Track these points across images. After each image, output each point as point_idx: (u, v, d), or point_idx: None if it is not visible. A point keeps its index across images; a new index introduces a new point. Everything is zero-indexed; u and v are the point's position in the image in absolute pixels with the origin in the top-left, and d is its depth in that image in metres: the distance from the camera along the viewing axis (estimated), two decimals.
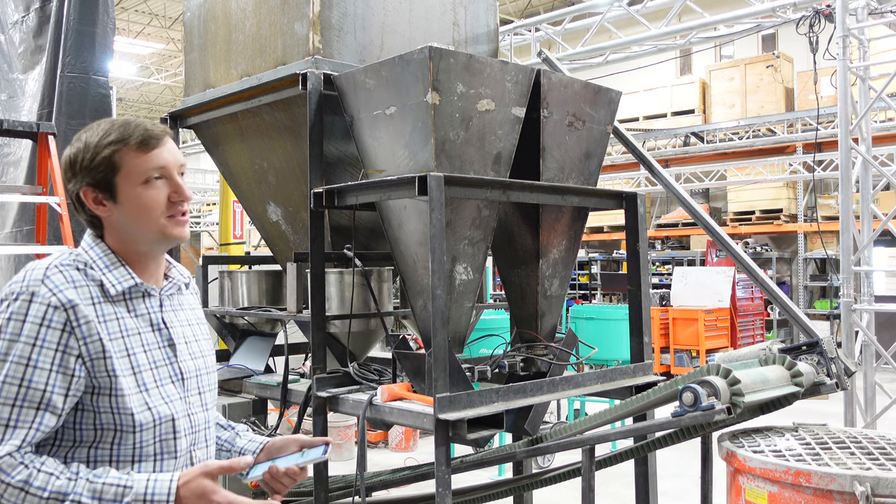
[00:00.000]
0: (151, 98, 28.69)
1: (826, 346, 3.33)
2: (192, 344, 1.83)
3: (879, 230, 5.94)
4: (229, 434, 2.01)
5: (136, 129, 1.71)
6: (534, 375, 3.50)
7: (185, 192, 1.74)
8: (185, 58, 4.30)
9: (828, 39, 5.81)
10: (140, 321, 1.72)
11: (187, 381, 1.78)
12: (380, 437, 7.91)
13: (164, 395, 1.70)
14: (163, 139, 1.72)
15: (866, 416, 5.84)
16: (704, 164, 14.81)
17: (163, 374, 1.72)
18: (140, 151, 1.69)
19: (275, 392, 3.63)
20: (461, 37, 3.98)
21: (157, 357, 1.73)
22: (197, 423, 1.79)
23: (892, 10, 6.06)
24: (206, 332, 1.94)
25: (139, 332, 1.71)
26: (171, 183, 1.72)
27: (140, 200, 1.69)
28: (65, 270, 1.65)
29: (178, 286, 1.85)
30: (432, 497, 2.86)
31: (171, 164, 1.72)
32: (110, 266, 1.70)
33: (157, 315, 1.76)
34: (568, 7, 8.55)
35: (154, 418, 1.67)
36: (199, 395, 1.81)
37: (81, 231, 1.85)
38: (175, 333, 1.78)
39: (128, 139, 1.69)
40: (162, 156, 1.71)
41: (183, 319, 1.84)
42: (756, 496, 2.69)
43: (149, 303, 1.75)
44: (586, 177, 3.60)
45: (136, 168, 1.69)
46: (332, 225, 3.69)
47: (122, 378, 1.63)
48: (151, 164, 1.69)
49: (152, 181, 1.70)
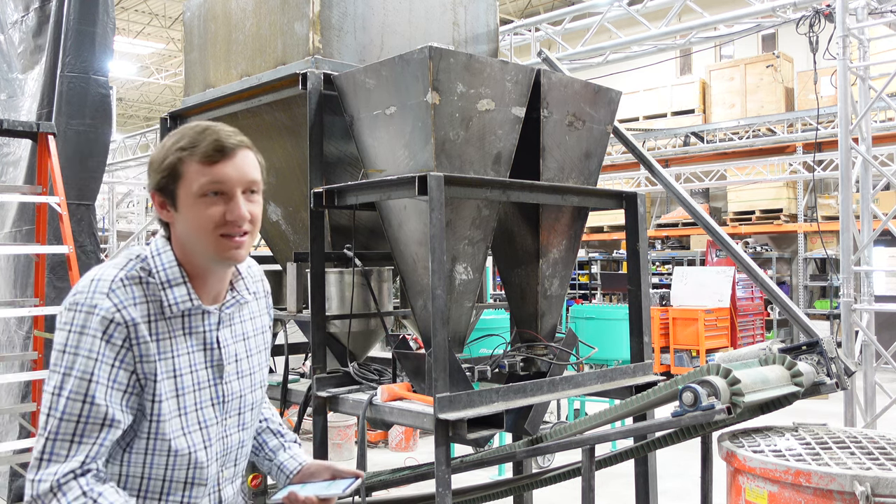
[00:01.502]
0: (151, 98, 28.69)
1: (826, 346, 3.33)
2: (242, 361, 1.78)
3: (879, 230, 5.94)
4: (276, 443, 1.98)
5: (207, 138, 1.62)
6: (534, 375, 3.50)
7: (241, 211, 1.61)
8: (185, 58, 4.30)
9: (828, 39, 5.80)
10: (193, 339, 1.68)
11: (228, 404, 1.74)
12: (380, 437, 7.91)
13: (201, 419, 1.68)
14: (233, 152, 1.63)
15: (866, 416, 5.84)
16: (704, 164, 14.81)
17: (204, 396, 1.69)
18: (203, 163, 1.60)
19: (275, 392, 3.63)
20: (461, 37, 3.98)
21: (202, 378, 1.69)
22: (230, 445, 1.76)
23: (892, 10, 6.06)
24: (262, 343, 1.87)
25: (189, 351, 1.67)
26: (229, 200, 1.62)
27: (194, 214, 1.61)
28: (128, 285, 1.60)
29: (240, 302, 1.78)
30: (432, 497, 2.86)
31: (234, 180, 1.62)
32: (172, 281, 1.65)
33: (211, 334, 1.71)
34: (568, 7, 8.55)
35: (188, 445, 1.65)
36: (238, 416, 1.77)
37: (81, 231, 1.83)
38: (226, 353, 1.73)
39: (194, 148, 1.61)
40: (224, 171, 1.61)
41: (239, 334, 1.78)
42: (756, 496, 2.69)
43: (207, 321, 1.70)
44: (586, 177, 3.60)
45: (195, 180, 1.60)
46: (332, 225, 3.69)
47: (164, 402, 1.61)
48: (209, 177, 1.60)
49: (209, 196, 1.61)
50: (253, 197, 1.67)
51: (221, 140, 1.62)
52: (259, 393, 1.84)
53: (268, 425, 2.00)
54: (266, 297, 1.92)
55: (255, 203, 1.67)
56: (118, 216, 17.09)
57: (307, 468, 1.90)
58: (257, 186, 1.68)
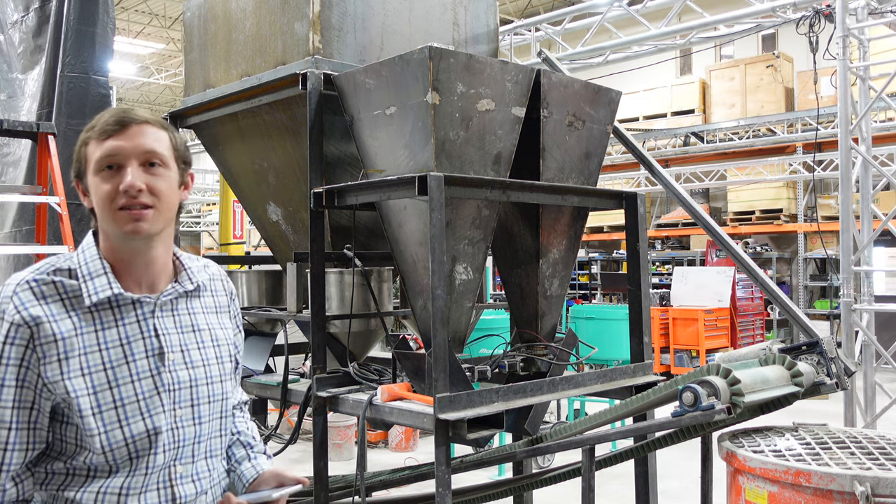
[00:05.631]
0: (151, 98, 28.69)
1: (826, 346, 3.33)
2: (191, 352, 1.73)
3: (879, 230, 5.94)
4: (242, 454, 1.94)
5: (105, 115, 1.63)
6: (534, 375, 3.50)
7: (130, 180, 1.58)
8: (185, 58, 4.30)
9: (828, 39, 5.81)
10: (127, 329, 1.64)
11: (175, 393, 1.68)
12: (380, 437, 7.92)
13: (143, 409, 1.62)
14: (128, 126, 1.62)
15: (866, 416, 5.84)
16: (704, 164, 14.82)
17: (146, 385, 1.64)
18: (99, 139, 1.61)
19: (275, 392, 3.63)
20: (461, 37, 3.98)
21: (142, 367, 1.64)
22: (183, 438, 1.69)
23: (892, 10, 6.06)
24: (221, 338, 1.82)
25: (124, 341, 1.63)
26: (123, 172, 1.60)
27: (95, 191, 1.62)
28: (36, 286, 1.59)
29: (180, 292, 1.74)
30: (432, 497, 2.85)
31: (126, 150, 1.60)
32: (93, 274, 1.63)
33: (147, 322, 1.67)
34: (568, 7, 8.55)
35: (126, 436, 1.60)
36: (191, 408, 1.71)
37: (81, 231, 1.83)
38: (167, 341, 1.69)
39: (94, 128, 1.63)
40: (116, 143, 1.60)
41: (187, 325, 1.74)
42: (756, 496, 2.69)
43: (139, 310, 1.67)
44: (586, 177, 3.60)
45: (93, 157, 1.62)
46: (332, 225, 3.69)
47: (85, 397, 1.58)
48: (102, 151, 1.60)
49: (104, 171, 1.61)
50: (154, 170, 1.64)
51: (119, 115, 1.63)
52: (218, 388, 1.78)
53: (238, 438, 1.96)
54: (229, 297, 1.90)
55: (157, 176, 1.64)
56: None
57: (261, 477, 1.88)
58: (160, 158, 1.65)
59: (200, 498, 1.75)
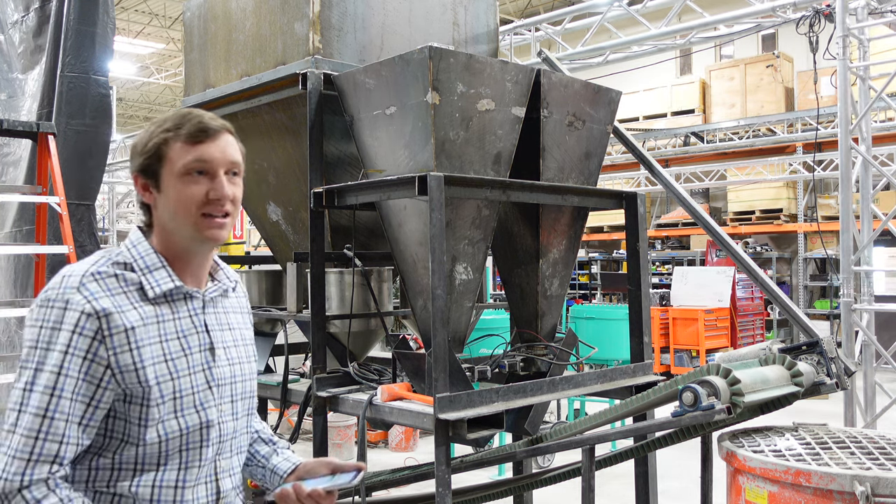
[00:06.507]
0: (151, 98, 28.69)
1: (826, 346, 3.33)
2: (230, 349, 1.78)
3: (879, 230, 5.94)
4: (268, 450, 1.98)
5: (192, 120, 1.66)
6: (534, 375, 3.50)
7: (224, 190, 1.65)
8: (185, 58, 4.30)
9: (828, 39, 5.80)
10: (182, 323, 1.69)
11: (221, 388, 1.73)
12: (380, 437, 7.91)
13: (198, 402, 1.67)
14: (216, 134, 1.67)
15: (866, 416, 5.84)
16: (704, 164, 14.82)
17: (200, 379, 1.69)
18: (187, 143, 1.64)
19: (275, 392, 3.63)
20: (461, 37, 3.98)
21: (197, 361, 1.69)
22: (225, 433, 1.75)
23: (892, 10, 6.06)
24: (248, 338, 1.88)
25: (180, 335, 1.68)
26: (212, 180, 1.65)
27: (177, 193, 1.64)
28: (101, 278, 1.61)
29: (223, 289, 1.81)
30: (432, 497, 2.86)
31: (217, 159, 1.66)
32: (151, 267, 1.67)
33: (199, 318, 1.72)
34: (568, 7, 8.55)
35: (181, 427, 1.64)
36: (231, 404, 1.76)
37: (81, 231, 1.83)
38: (216, 338, 1.75)
39: (179, 129, 1.65)
40: (208, 150, 1.65)
41: (224, 323, 1.80)
42: (756, 496, 2.69)
43: (191, 305, 1.72)
44: (586, 177, 3.60)
45: (180, 159, 1.64)
46: (332, 225, 3.69)
47: (154, 387, 1.61)
48: (194, 156, 1.64)
49: (193, 175, 1.64)
50: (234, 179, 1.70)
51: (205, 122, 1.67)
52: (250, 385, 1.84)
53: (259, 435, 2.00)
54: (243, 297, 1.94)
55: (237, 186, 1.71)
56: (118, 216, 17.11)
57: (303, 466, 1.90)
58: (239, 169, 1.71)
59: (232, 493, 1.79)
